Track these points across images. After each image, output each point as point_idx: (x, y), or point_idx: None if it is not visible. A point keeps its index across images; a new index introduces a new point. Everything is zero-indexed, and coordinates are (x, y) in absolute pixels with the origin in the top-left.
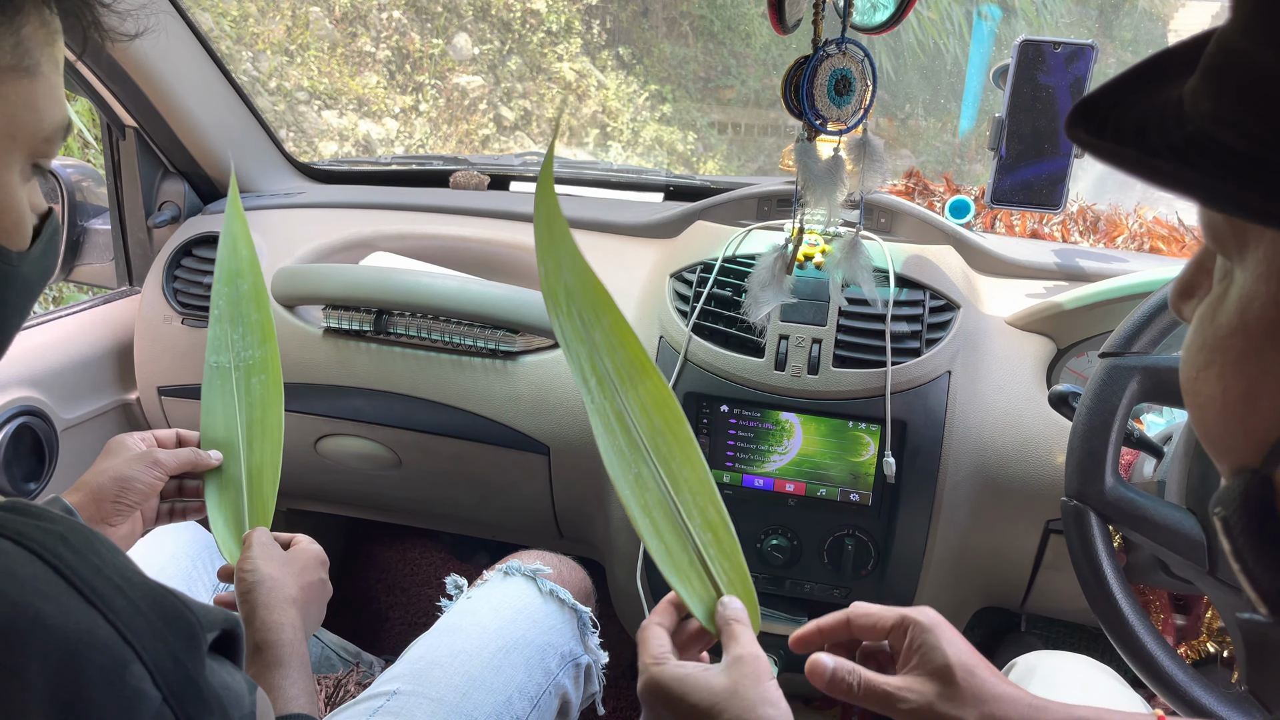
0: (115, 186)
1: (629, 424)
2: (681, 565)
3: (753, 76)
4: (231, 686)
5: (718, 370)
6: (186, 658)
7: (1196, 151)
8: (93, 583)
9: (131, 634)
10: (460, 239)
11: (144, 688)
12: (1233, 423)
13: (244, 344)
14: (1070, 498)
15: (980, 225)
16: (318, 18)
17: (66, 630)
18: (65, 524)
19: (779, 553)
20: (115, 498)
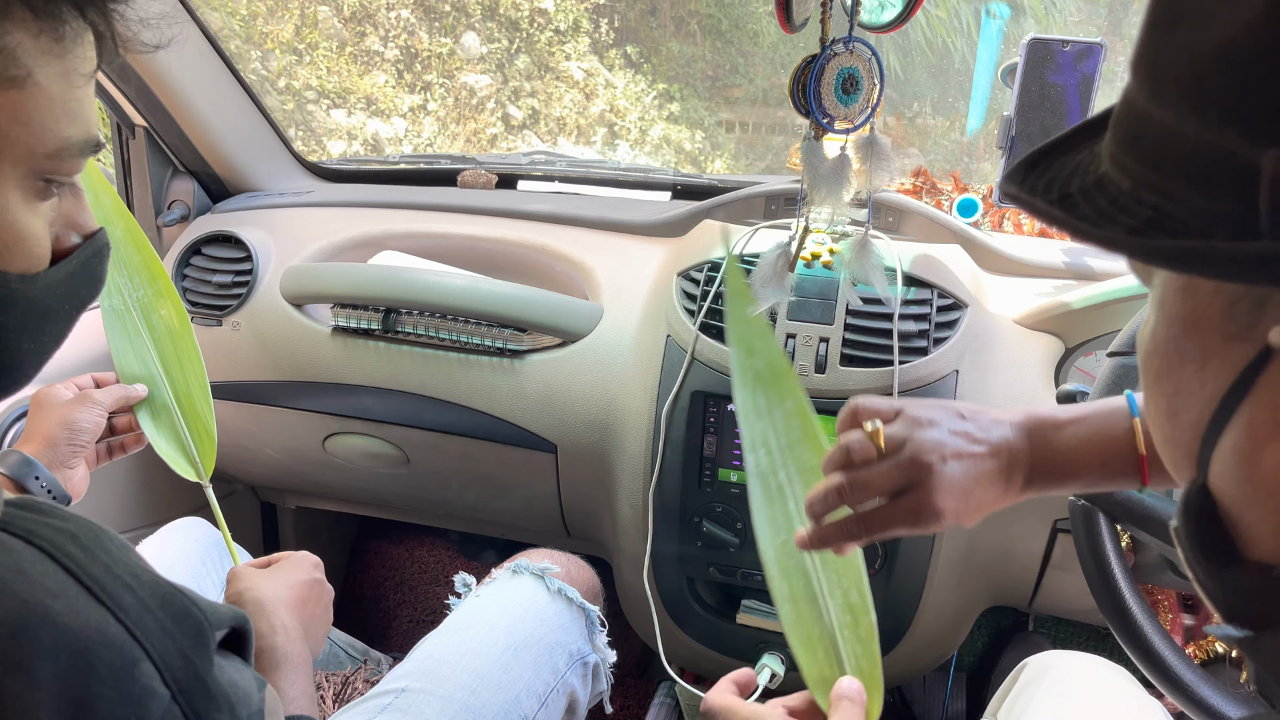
0: (125, 185)
1: (787, 495)
2: (810, 636)
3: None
4: (240, 684)
5: (725, 369)
6: (195, 655)
7: (1097, 193)
8: (102, 581)
9: (141, 632)
10: (468, 238)
11: (153, 685)
12: (1167, 438)
13: (131, 285)
14: (1078, 497)
15: (988, 224)
16: (326, 17)
17: (76, 628)
18: (75, 522)
19: None
20: (69, 440)
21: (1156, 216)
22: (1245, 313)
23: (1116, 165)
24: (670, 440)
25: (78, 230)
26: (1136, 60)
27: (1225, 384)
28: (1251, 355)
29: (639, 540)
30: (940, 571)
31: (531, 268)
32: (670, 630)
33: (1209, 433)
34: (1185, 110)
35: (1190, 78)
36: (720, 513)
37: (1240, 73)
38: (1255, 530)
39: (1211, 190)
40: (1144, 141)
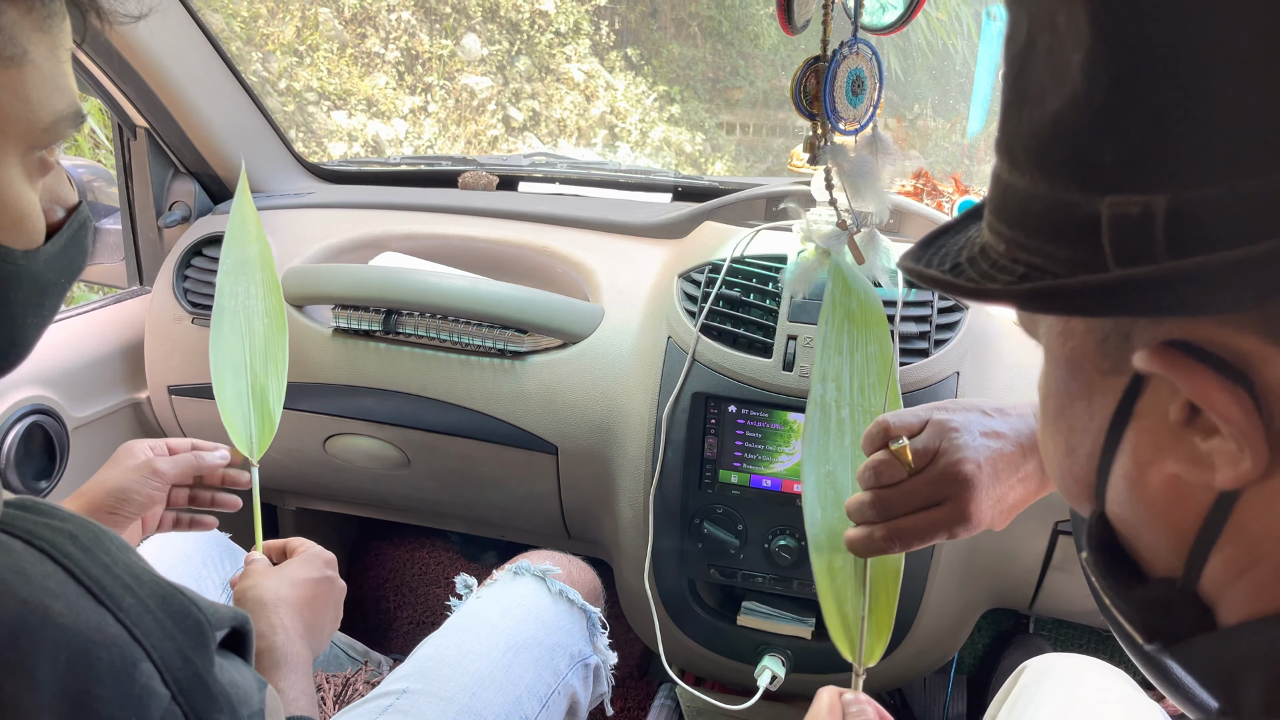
0: (126, 186)
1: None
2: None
3: (761, 77)
4: (240, 684)
5: (726, 370)
6: (195, 656)
7: (981, 259)
8: (102, 581)
9: (141, 632)
10: (469, 239)
11: (153, 686)
12: (1065, 473)
13: (248, 295)
14: None
15: None
16: (327, 19)
17: (76, 629)
18: (75, 522)
19: (787, 553)
20: (112, 509)
21: (1029, 271)
22: (1115, 346)
23: (993, 233)
24: (671, 442)
25: (61, 204)
26: (998, 139)
27: (1109, 415)
28: (1125, 385)
29: (640, 542)
30: (941, 573)
31: (532, 269)
32: (671, 632)
33: (1101, 464)
34: (1037, 175)
35: (1036, 147)
36: (721, 514)
37: (1071, 137)
38: (1153, 550)
39: (1066, 240)
40: (1010, 208)
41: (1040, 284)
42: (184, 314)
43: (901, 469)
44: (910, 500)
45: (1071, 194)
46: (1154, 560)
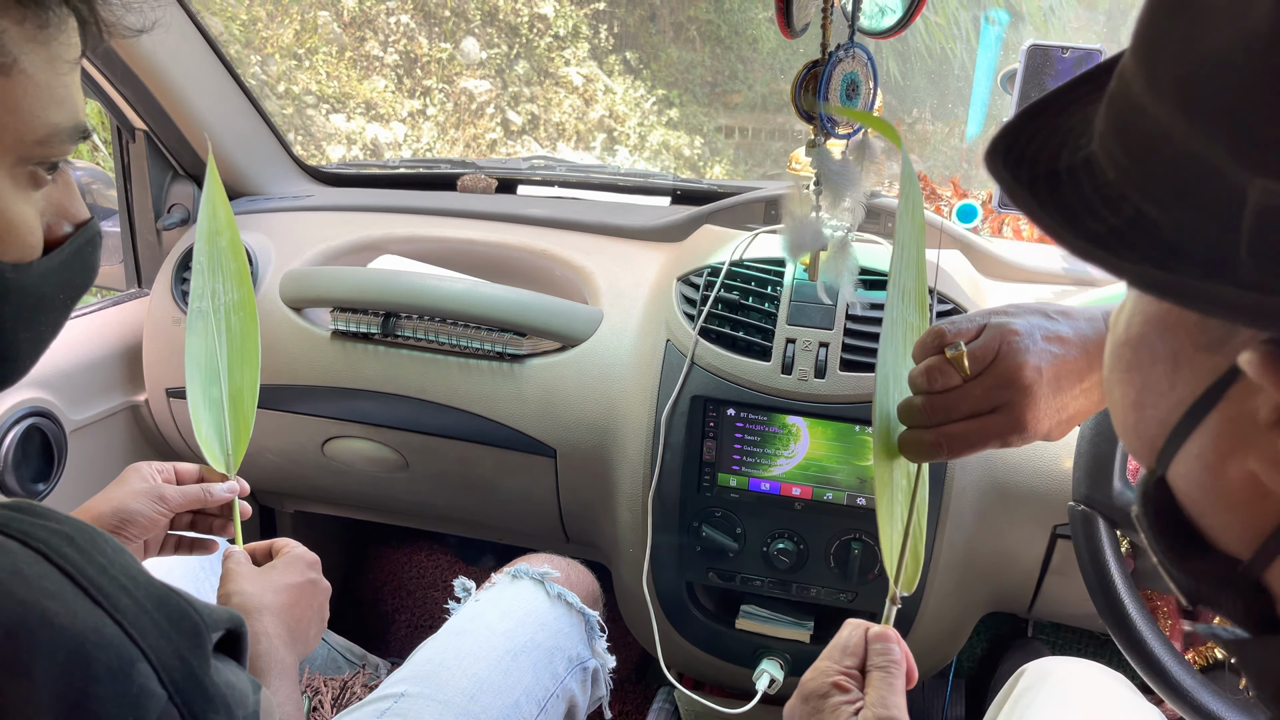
0: (125, 189)
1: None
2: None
3: (760, 81)
4: (236, 685)
5: (724, 373)
6: (192, 657)
7: (1084, 175)
8: (99, 583)
9: (138, 633)
10: (468, 242)
11: (150, 686)
12: (1129, 427)
13: (223, 289)
14: (1078, 502)
15: (988, 230)
16: (326, 22)
17: (74, 630)
18: (71, 524)
19: (785, 556)
20: (115, 529)
21: (1136, 217)
22: (1218, 326)
23: (1104, 149)
24: (670, 445)
25: (69, 219)
26: (1135, 39)
27: (1194, 392)
28: (1222, 369)
29: (638, 545)
30: (939, 576)
31: (531, 272)
32: (669, 635)
33: (1174, 434)
34: (1176, 111)
35: (1184, 78)
36: (719, 518)
37: (1235, 88)
38: (1218, 530)
39: (1193, 205)
40: (1133, 133)
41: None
42: (182, 316)
43: (955, 374)
44: (963, 405)
45: (1215, 153)
46: (1217, 537)
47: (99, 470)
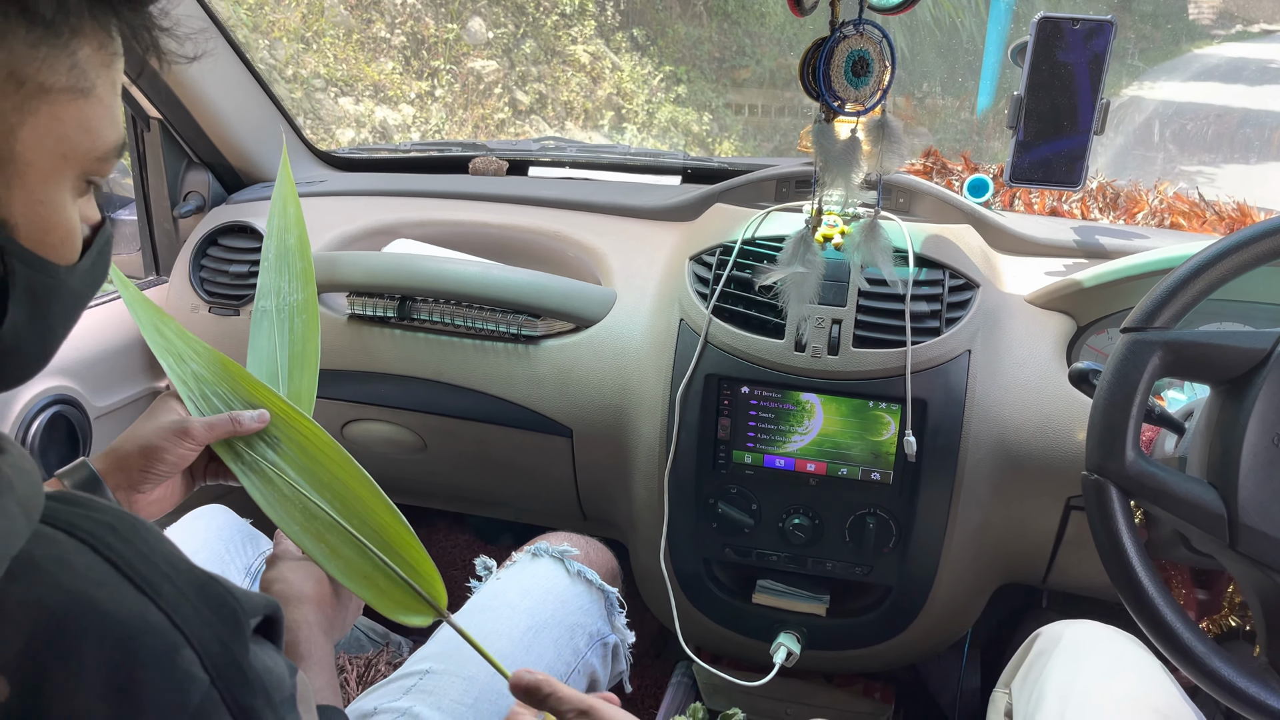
0: (141, 178)
1: (285, 471)
2: (365, 572)
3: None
4: (273, 669)
5: (738, 352)
6: (232, 642)
7: None
8: (142, 571)
9: (181, 620)
10: (480, 224)
11: (194, 671)
12: None
13: (289, 289)
14: (1091, 471)
15: (999, 203)
16: (333, 4)
17: (120, 617)
18: (113, 514)
19: (801, 531)
20: (142, 468)
21: None
22: None
23: None
24: (684, 423)
25: (88, 222)
26: None
27: None
28: None
29: (655, 523)
30: (954, 548)
31: (544, 253)
32: (687, 611)
33: None
34: None
35: None
36: (735, 494)
37: None
38: None
39: None
40: None
41: None
42: (201, 303)
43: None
44: None
45: None
46: None
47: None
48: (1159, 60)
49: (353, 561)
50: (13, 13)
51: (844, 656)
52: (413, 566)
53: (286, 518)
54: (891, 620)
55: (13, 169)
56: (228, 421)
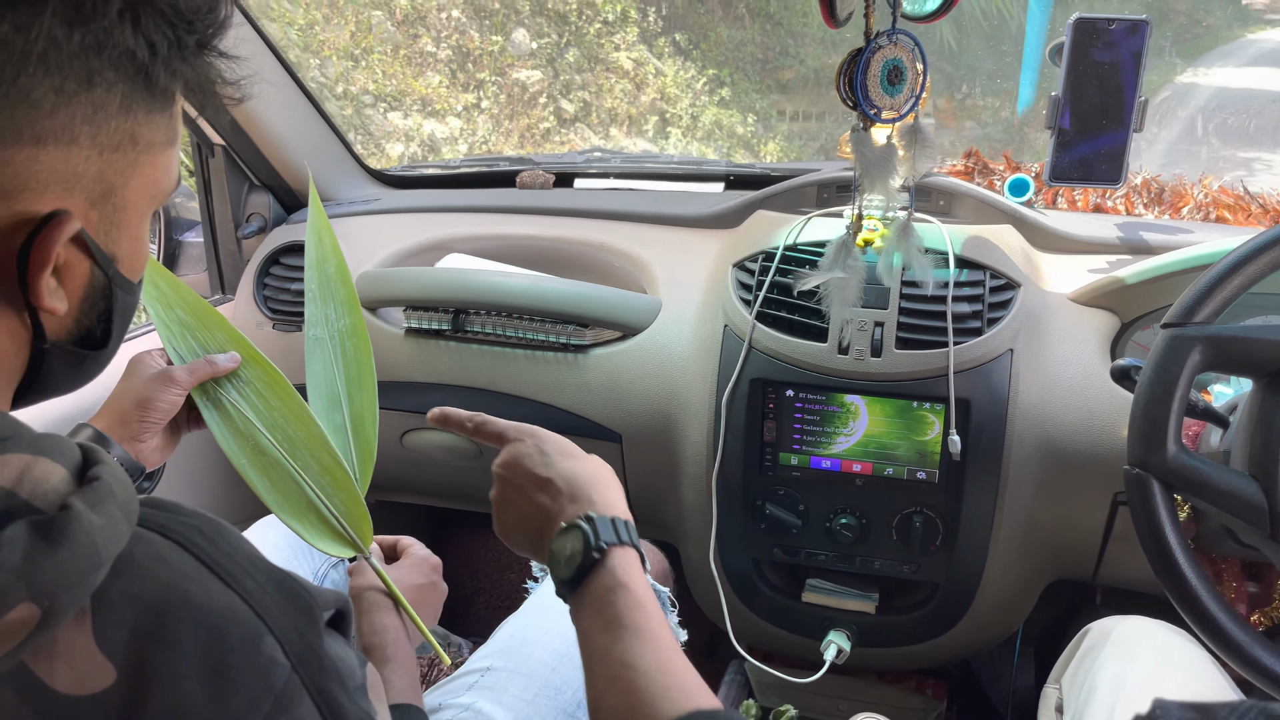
0: (206, 201)
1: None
2: (300, 506)
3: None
4: (345, 659)
5: (782, 356)
6: (308, 631)
7: None
8: (227, 567)
9: (263, 610)
10: (529, 237)
11: (277, 657)
12: None
13: (335, 315)
14: (1133, 465)
15: (1042, 202)
16: (380, 21)
17: (210, 608)
18: (198, 517)
19: (848, 531)
20: (140, 419)
21: None
22: None
23: None
24: (731, 427)
25: None
26: None
27: None
28: None
29: (704, 524)
30: (1001, 546)
31: (591, 264)
32: (738, 610)
33: None
34: None
35: None
36: (782, 495)
37: None
38: None
39: None
40: None
41: None
42: (265, 320)
43: None
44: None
45: None
46: None
47: (199, 468)
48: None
49: (291, 495)
50: (139, 87)
51: (895, 653)
52: (345, 508)
53: (237, 450)
54: (941, 617)
55: (122, 214)
56: (205, 364)
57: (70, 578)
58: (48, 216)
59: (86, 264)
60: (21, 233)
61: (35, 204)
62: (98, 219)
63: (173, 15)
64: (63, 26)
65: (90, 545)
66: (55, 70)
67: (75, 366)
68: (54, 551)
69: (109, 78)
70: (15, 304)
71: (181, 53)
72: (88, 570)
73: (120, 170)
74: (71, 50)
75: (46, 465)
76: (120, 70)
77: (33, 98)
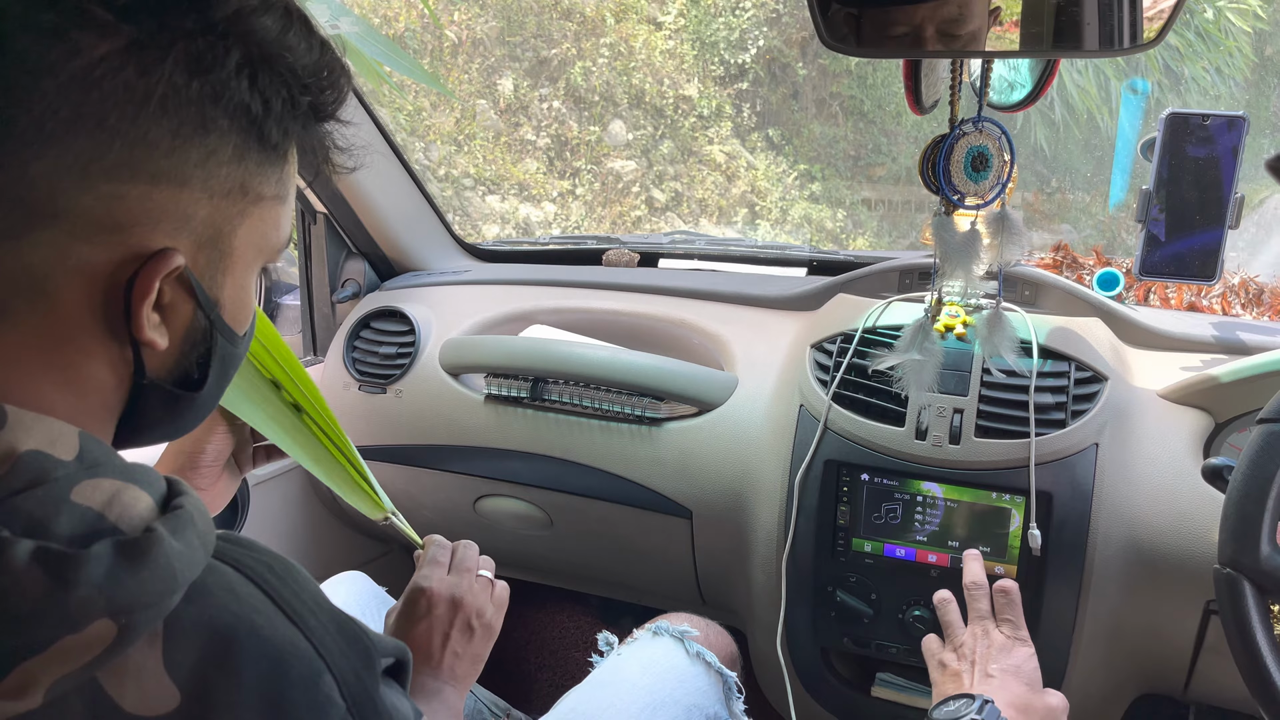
0: (305, 266)
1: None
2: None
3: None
4: (401, 709)
5: (858, 439)
6: (365, 675)
7: None
8: (293, 604)
9: (324, 649)
10: (611, 312)
11: (334, 696)
12: None
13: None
14: (1223, 565)
15: (1133, 298)
16: (484, 110)
17: (275, 641)
18: (270, 555)
19: (922, 624)
20: (191, 467)
21: None
22: None
23: None
24: (803, 508)
25: None
26: None
27: None
28: None
29: (773, 609)
30: (1083, 650)
31: (670, 340)
32: (804, 702)
33: None
34: None
35: None
36: (854, 583)
37: None
38: None
39: None
40: None
41: None
42: (353, 381)
43: None
44: None
45: None
46: None
47: (277, 519)
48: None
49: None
50: (252, 139)
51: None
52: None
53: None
54: None
55: (227, 260)
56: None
57: (148, 598)
58: (155, 252)
59: (190, 305)
60: (131, 268)
61: (146, 240)
62: (204, 262)
63: (289, 76)
64: (183, 74)
65: (169, 568)
66: (173, 114)
67: (172, 407)
68: (135, 571)
69: (223, 126)
70: (119, 338)
71: (294, 111)
72: (164, 593)
73: (229, 218)
74: (189, 97)
75: (135, 492)
76: (235, 120)
77: (150, 138)
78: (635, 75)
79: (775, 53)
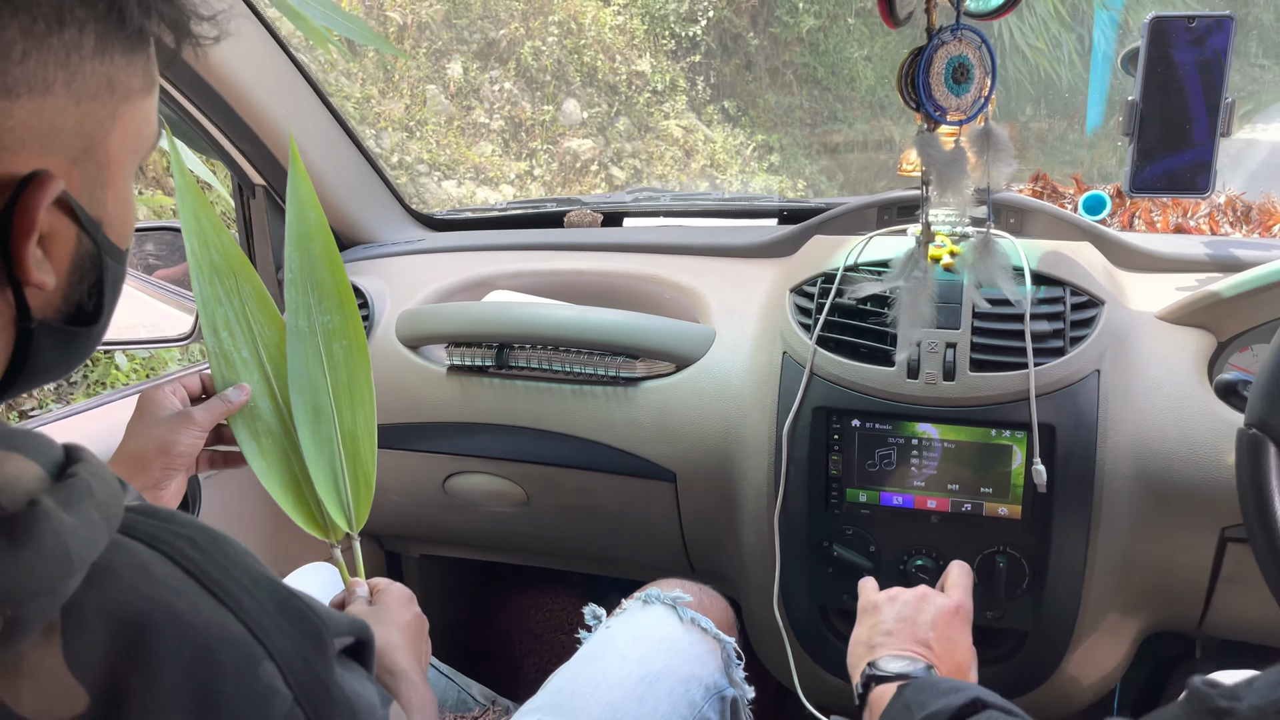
0: (247, 242)
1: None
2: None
3: (859, 119)
4: (363, 695)
5: (846, 382)
6: (315, 659)
7: None
8: (222, 582)
9: (261, 632)
10: (576, 272)
11: (276, 685)
12: None
13: (320, 309)
14: (1249, 426)
15: (1118, 224)
16: (434, 94)
17: (199, 626)
18: (192, 527)
19: (924, 574)
20: (164, 466)
21: None
22: None
23: None
24: (793, 461)
25: None
26: None
27: None
28: None
29: (766, 570)
30: (1095, 590)
31: (640, 297)
32: (806, 665)
33: None
34: None
35: None
36: (851, 536)
37: None
38: None
39: None
40: None
41: None
42: None
43: None
44: None
45: None
46: None
47: (232, 513)
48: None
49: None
50: (112, 26)
51: None
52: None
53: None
54: (1031, 669)
55: (106, 172)
56: (220, 403)
57: (35, 584)
58: (27, 178)
59: (73, 230)
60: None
61: (11, 164)
62: (80, 179)
63: None
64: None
65: (59, 548)
66: (22, 9)
67: (66, 346)
68: (16, 553)
69: (80, 15)
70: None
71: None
72: (56, 577)
73: (99, 122)
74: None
75: (19, 463)
76: (92, 8)
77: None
78: (586, 53)
79: (726, 23)
